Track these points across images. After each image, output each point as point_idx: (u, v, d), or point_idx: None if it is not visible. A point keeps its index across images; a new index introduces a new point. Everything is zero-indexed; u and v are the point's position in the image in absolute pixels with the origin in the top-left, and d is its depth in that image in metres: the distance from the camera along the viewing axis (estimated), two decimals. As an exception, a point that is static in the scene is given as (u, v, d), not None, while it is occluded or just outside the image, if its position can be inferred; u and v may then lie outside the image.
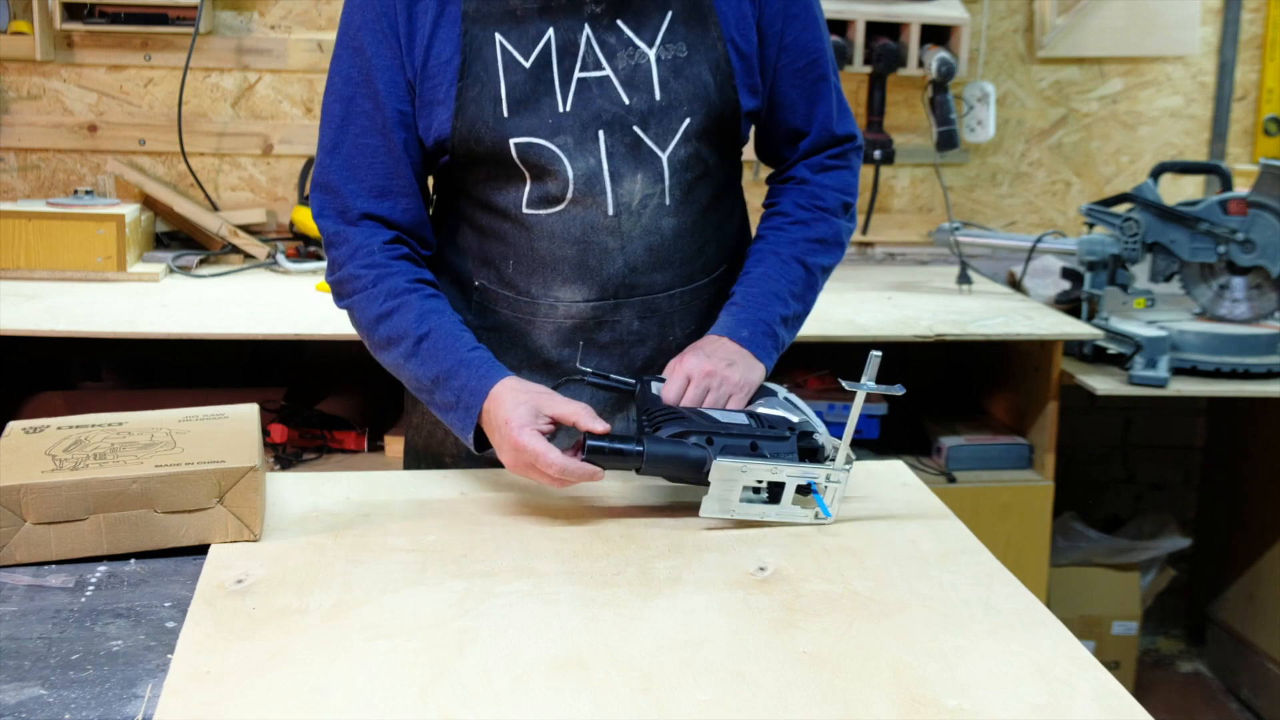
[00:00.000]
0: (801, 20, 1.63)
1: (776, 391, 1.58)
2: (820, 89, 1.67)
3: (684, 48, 1.56)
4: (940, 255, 3.33)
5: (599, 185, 1.56)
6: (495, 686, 1.11)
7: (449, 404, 1.51)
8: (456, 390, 1.49)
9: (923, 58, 3.00)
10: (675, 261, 1.63)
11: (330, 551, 1.39)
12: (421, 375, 1.52)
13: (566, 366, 1.64)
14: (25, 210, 2.76)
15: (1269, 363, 2.74)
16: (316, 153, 1.59)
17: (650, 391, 1.55)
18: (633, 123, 1.55)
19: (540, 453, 1.41)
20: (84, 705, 1.08)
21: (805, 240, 1.66)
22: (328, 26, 3.05)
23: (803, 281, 1.64)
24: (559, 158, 1.54)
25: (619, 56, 1.55)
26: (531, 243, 1.59)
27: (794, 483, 1.45)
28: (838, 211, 1.69)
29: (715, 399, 1.53)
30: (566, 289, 1.61)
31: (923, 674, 1.15)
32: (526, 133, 1.53)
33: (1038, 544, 2.77)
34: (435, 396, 1.52)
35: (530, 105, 1.53)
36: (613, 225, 1.58)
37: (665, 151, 1.57)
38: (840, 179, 1.70)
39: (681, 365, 1.55)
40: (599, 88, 1.54)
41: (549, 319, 1.63)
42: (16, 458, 1.39)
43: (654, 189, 1.58)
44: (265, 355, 3.07)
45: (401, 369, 1.54)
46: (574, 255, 1.59)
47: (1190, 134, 3.41)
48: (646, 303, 1.63)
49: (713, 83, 1.57)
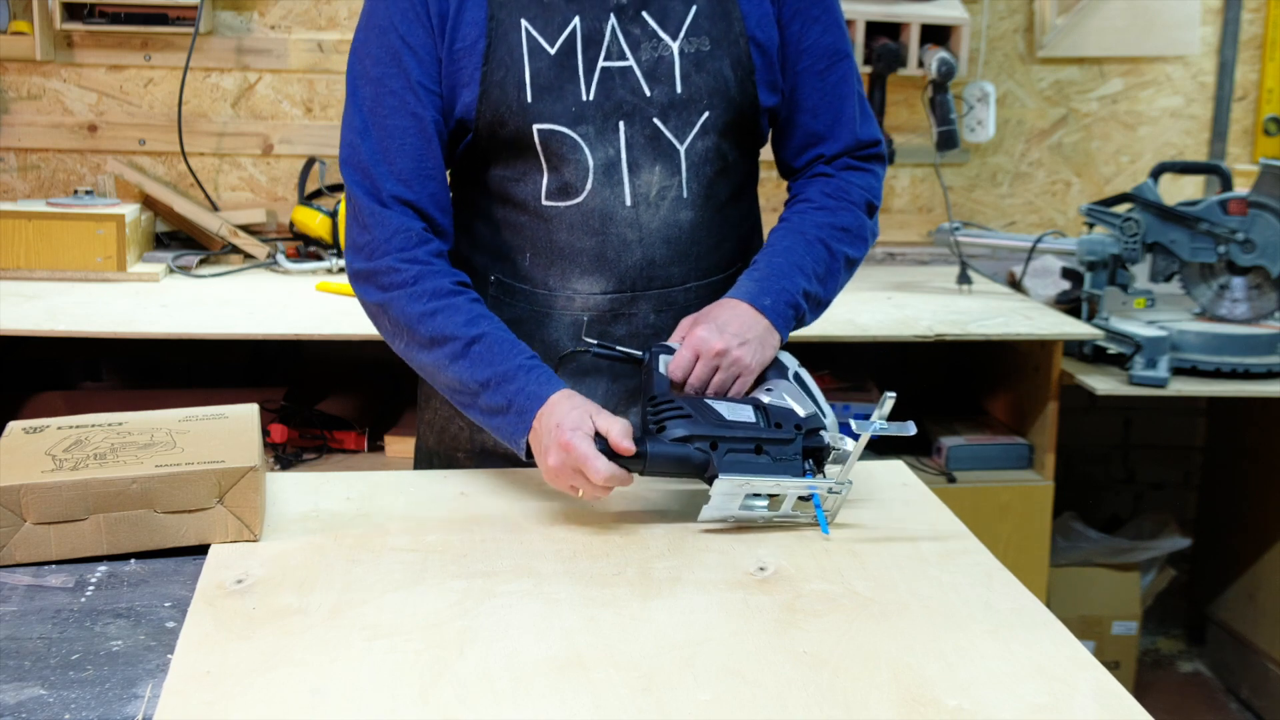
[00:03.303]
0: (823, 23, 1.63)
1: (788, 367, 1.55)
2: (842, 91, 1.66)
3: (707, 42, 1.57)
4: (940, 255, 3.33)
5: (617, 176, 1.56)
6: (495, 686, 1.11)
7: (498, 408, 1.48)
8: (510, 395, 1.47)
9: (923, 58, 3.00)
10: (693, 255, 1.62)
11: (330, 551, 1.39)
12: (468, 378, 1.50)
13: (589, 364, 1.62)
14: (25, 210, 2.76)
15: (1269, 363, 2.74)
16: (343, 133, 1.57)
17: (657, 370, 1.51)
18: (653, 114, 1.56)
19: (589, 457, 1.39)
20: (84, 705, 1.08)
21: (830, 226, 1.63)
22: (328, 26, 3.06)
23: (825, 264, 1.61)
24: (580, 146, 1.55)
25: (643, 48, 1.55)
26: (550, 234, 1.59)
27: (795, 494, 1.45)
28: (862, 207, 1.67)
29: (723, 379, 1.50)
30: (584, 281, 1.60)
31: (923, 674, 1.15)
32: (550, 119, 1.54)
33: (1038, 544, 2.77)
34: (481, 400, 1.50)
35: (554, 92, 1.54)
36: (631, 217, 1.58)
37: (683, 144, 1.57)
38: (865, 180, 1.68)
39: (693, 336, 1.51)
40: (621, 78, 1.55)
41: (566, 311, 1.62)
42: (16, 458, 1.39)
43: (671, 181, 1.58)
44: (265, 355, 3.07)
45: (443, 370, 1.52)
46: (593, 247, 1.59)
47: (1190, 134, 3.41)
48: (663, 296, 1.62)
49: (733, 78, 1.57)
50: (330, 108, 3.08)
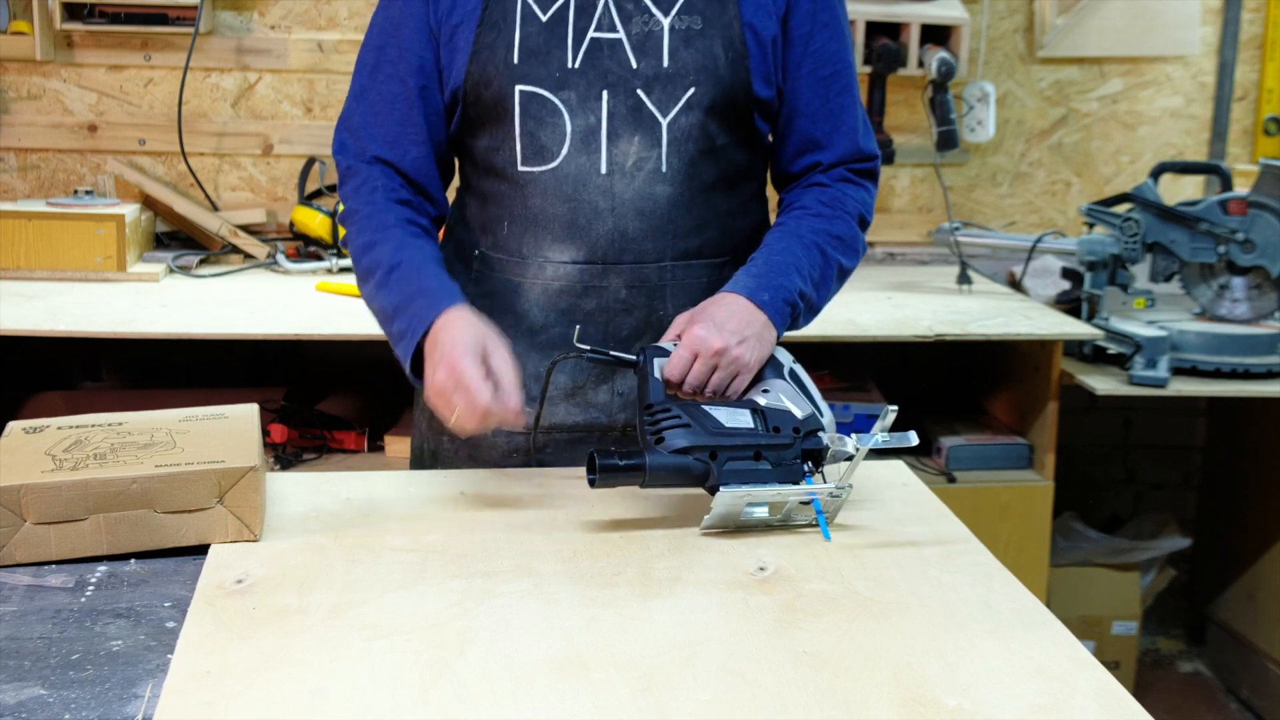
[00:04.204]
0: (831, 30, 1.63)
1: (783, 364, 1.54)
2: (844, 100, 1.66)
3: (699, 21, 1.58)
4: (940, 255, 3.33)
5: (595, 144, 1.58)
6: (495, 686, 1.11)
7: (401, 333, 1.50)
8: (410, 318, 1.49)
9: (923, 58, 3.00)
10: (668, 232, 1.62)
11: (330, 551, 1.39)
12: (385, 305, 1.53)
13: (558, 337, 1.62)
14: (25, 210, 2.76)
15: (1269, 363, 2.74)
16: (347, 98, 1.66)
17: (652, 375, 1.49)
18: (637, 86, 1.57)
19: (475, 381, 1.38)
20: (84, 705, 1.08)
21: (826, 233, 1.63)
22: (328, 26, 3.05)
23: (821, 269, 1.61)
24: (560, 111, 1.57)
25: (634, 21, 1.57)
26: (525, 200, 1.61)
27: (796, 500, 1.45)
28: (855, 218, 1.67)
29: (721, 378, 1.49)
30: (556, 248, 1.61)
31: (923, 674, 1.15)
32: (533, 82, 1.57)
33: (1038, 544, 2.77)
34: (392, 328, 1.52)
35: (540, 57, 1.57)
36: (605, 185, 1.59)
37: (666, 118, 1.58)
38: (859, 194, 1.68)
39: (690, 335, 1.49)
40: (610, 49, 1.57)
41: (537, 280, 1.63)
42: (16, 458, 1.39)
43: (650, 153, 1.58)
44: (265, 355, 3.07)
45: (372, 300, 1.57)
46: (564, 213, 1.60)
47: (1190, 134, 3.41)
48: (636, 271, 1.62)
49: (724, 58, 1.58)
50: (330, 108, 3.08)
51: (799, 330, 1.63)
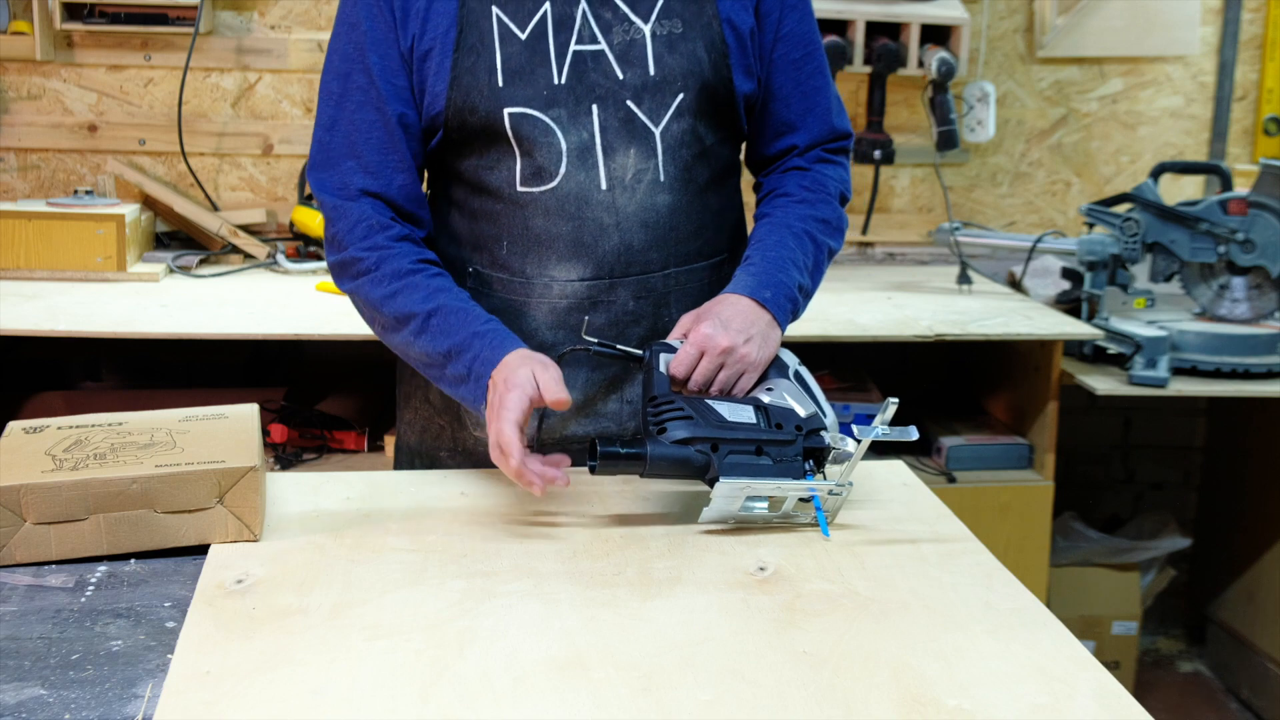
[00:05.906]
0: (799, 11, 1.64)
1: (788, 365, 1.54)
2: (817, 82, 1.67)
3: (679, 24, 1.57)
4: (940, 255, 3.33)
5: (591, 159, 1.56)
6: (495, 686, 1.11)
7: (461, 377, 1.50)
8: (469, 362, 1.49)
9: (923, 58, 3.00)
10: (671, 240, 1.62)
11: (330, 551, 1.39)
12: (432, 350, 1.51)
13: (571, 338, 1.61)
14: (25, 210, 2.76)
15: (1269, 363, 2.74)
16: (314, 132, 1.59)
17: (658, 369, 1.50)
18: (626, 97, 1.56)
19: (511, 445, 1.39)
20: (84, 705, 1.08)
21: (813, 218, 1.64)
22: (327, 26, 3.05)
23: (813, 256, 1.62)
24: (552, 130, 1.55)
25: (614, 31, 1.56)
26: (526, 221, 1.59)
27: (796, 496, 1.45)
28: (836, 198, 1.68)
29: (727, 377, 1.50)
30: (561, 267, 1.60)
31: (923, 674, 1.15)
32: (521, 103, 1.54)
33: (1038, 544, 2.77)
34: (447, 371, 1.51)
35: (525, 76, 1.54)
36: (607, 200, 1.57)
37: (658, 126, 1.57)
38: (836, 172, 1.70)
39: (697, 333, 1.50)
40: (594, 61, 1.55)
41: (544, 299, 1.61)
42: (16, 458, 1.39)
43: (647, 164, 1.58)
44: (265, 355, 3.07)
45: (411, 347, 1.54)
46: (568, 232, 1.58)
47: (1190, 134, 3.41)
48: (642, 282, 1.61)
49: (707, 60, 1.57)
50: (330, 108, 3.08)
51: (796, 320, 1.63)
